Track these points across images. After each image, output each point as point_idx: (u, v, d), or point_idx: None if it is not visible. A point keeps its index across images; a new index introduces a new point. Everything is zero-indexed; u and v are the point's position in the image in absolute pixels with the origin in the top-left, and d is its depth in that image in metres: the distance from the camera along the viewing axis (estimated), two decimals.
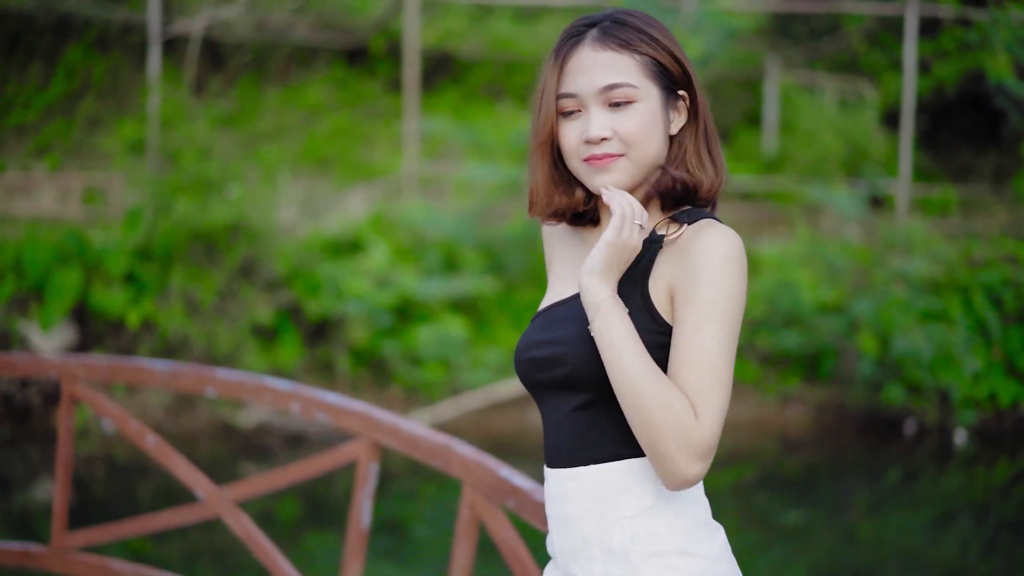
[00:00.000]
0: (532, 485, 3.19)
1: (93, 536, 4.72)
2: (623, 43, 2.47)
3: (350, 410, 3.92)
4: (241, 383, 4.29)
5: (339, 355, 12.38)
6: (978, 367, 12.53)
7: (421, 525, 10.14)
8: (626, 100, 2.46)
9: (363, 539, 3.87)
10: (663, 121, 2.51)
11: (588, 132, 2.46)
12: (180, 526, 4.71)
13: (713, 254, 2.37)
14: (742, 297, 2.39)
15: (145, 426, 4.57)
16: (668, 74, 2.50)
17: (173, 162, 12.92)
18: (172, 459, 4.49)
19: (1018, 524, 10.48)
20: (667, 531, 2.45)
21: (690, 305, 2.38)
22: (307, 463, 4.14)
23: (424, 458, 3.64)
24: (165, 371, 4.55)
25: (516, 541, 3.29)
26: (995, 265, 13.37)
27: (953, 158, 16.53)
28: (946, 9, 15.29)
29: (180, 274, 12.10)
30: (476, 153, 14.17)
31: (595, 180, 2.49)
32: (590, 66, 2.47)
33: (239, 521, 4.29)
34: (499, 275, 12.99)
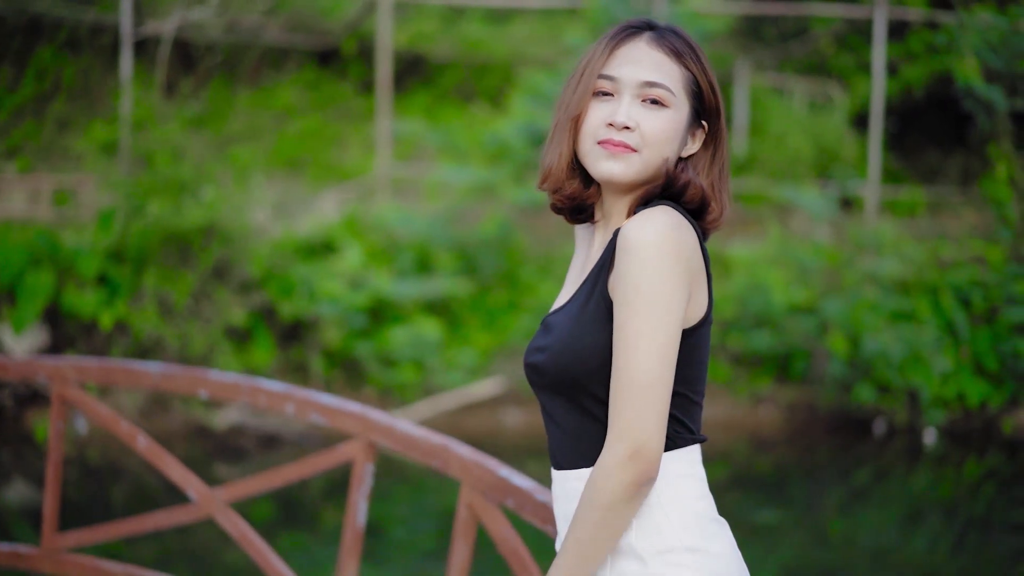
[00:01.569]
0: (532, 485, 3.23)
1: (84, 537, 4.73)
2: (676, 52, 2.54)
3: (346, 411, 3.95)
4: (235, 384, 4.31)
5: (313, 356, 12.39)
6: (947, 367, 12.62)
7: (396, 526, 10.15)
8: (660, 101, 2.51)
9: (359, 539, 3.90)
10: (681, 139, 2.56)
11: (615, 116, 2.50)
12: (172, 527, 4.72)
13: (634, 240, 2.38)
14: (672, 284, 2.37)
15: (136, 428, 4.59)
16: (701, 99, 2.57)
17: (146, 164, 12.89)
18: (164, 460, 4.52)
19: (986, 522, 10.57)
20: (673, 528, 2.47)
21: (617, 299, 2.41)
22: (301, 464, 4.16)
23: (421, 458, 3.68)
24: (157, 373, 4.57)
25: (515, 539, 3.33)
26: (963, 266, 13.48)
27: (921, 160, 16.66)
28: (914, 12, 15.40)
29: (153, 276, 12.07)
30: (448, 155, 14.19)
31: (602, 164, 2.52)
32: (640, 58, 2.53)
33: (232, 522, 4.31)
34: (472, 277, 13.03)
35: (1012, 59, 14.20)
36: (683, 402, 2.52)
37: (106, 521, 4.96)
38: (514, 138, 12.93)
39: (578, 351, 2.48)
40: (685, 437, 2.54)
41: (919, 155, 16.66)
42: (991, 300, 13.13)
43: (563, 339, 2.50)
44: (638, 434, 2.37)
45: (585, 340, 2.48)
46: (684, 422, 2.54)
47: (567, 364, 2.49)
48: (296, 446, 11.71)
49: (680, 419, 2.53)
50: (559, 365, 2.50)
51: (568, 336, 2.50)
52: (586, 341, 2.48)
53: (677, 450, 2.53)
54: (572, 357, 2.48)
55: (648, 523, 2.48)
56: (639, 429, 2.37)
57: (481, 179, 13.16)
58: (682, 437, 2.54)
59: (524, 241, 13.43)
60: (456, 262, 12.94)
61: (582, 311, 2.50)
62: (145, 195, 12.29)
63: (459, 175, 13.20)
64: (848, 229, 14.00)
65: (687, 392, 2.52)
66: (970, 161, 15.97)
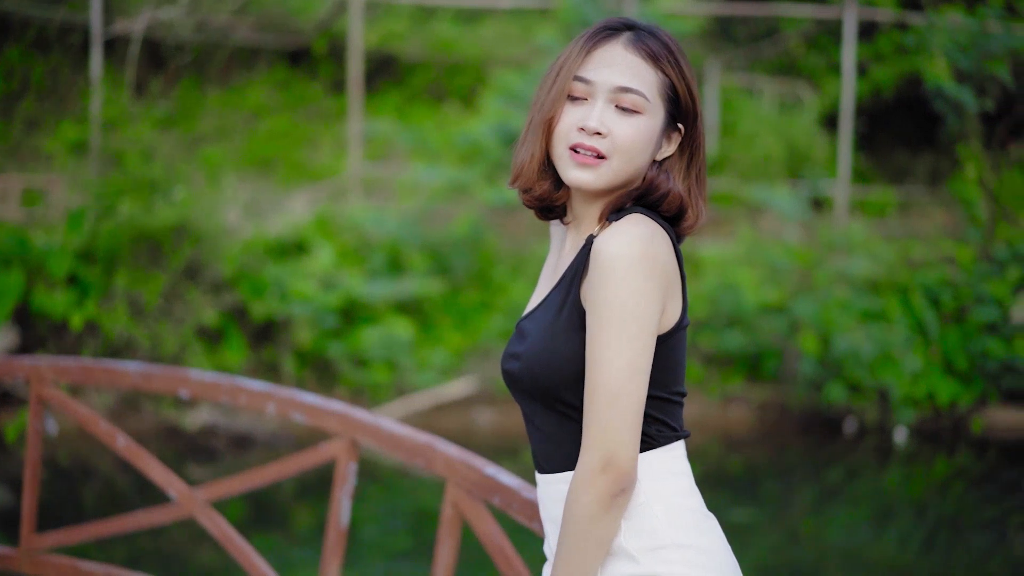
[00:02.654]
0: (518, 483, 3.23)
1: (63, 538, 4.71)
2: (653, 55, 2.49)
3: (328, 410, 3.94)
4: (215, 384, 4.29)
5: (284, 356, 12.36)
6: (917, 367, 12.68)
7: (366, 525, 10.14)
8: (634, 108, 2.48)
9: (342, 538, 3.89)
10: (655, 144, 2.53)
11: (587, 121, 2.47)
12: (153, 527, 4.71)
13: (608, 255, 2.37)
14: (645, 296, 2.37)
15: (116, 427, 4.57)
16: (678, 103, 2.54)
17: (116, 163, 12.83)
18: (144, 460, 4.50)
19: (956, 521, 10.62)
20: (661, 525, 2.47)
21: (589, 311, 2.41)
22: (283, 463, 4.15)
23: (406, 457, 3.67)
24: (137, 372, 4.55)
25: (500, 536, 3.33)
26: (933, 266, 13.55)
27: (889, 160, 16.73)
28: (883, 13, 15.46)
29: (124, 276, 12.03)
30: (420, 154, 14.18)
31: (571, 173, 2.49)
32: (615, 62, 2.49)
33: (214, 522, 4.30)
34: (444, 276, 13.03)
35: (981, 60, 14.29)
36: (662, 403, 2.53)
37: (77, 521, 4.94)
38: (486, 138, 12.93)
39: (551, 361, 2.48)
40: (667, 435, 2.55)
41: (887, 155, 16.73)
42: (961, 300, 13.20)
43: (536, 348, 2.50)
44: (609, 445, 2.37)
45: (558, 349, 2.48)
46: (665, 421, 2.54)
47: (541, 373, 2.49)
48: (268, 446, 11.68)
49: (660, 419, 2.53)
50: (533, 373, 2.50)
51: (541, 345, 2.49)
52: (560, 350, 2.47)
53: (660, 448, 2.54)
54: (545, 367, 2.48)
55: (637, 523, 2.48)
56: (610, 440, 2.37)
57: (453, 179, 13.16)
58: (664, 435, 2.54)
59: (496, 241, 13.43)
60: (428, 262, 12.93)
61: (555, 319, 2.49)
62: (116, 195, 12.24)
63: (431, 175, 13.19)
64: (818, 229, 14.05)
65: (665, 394, 2.53)
66: (939, 161, 16.06)
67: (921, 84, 14.97)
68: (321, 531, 9.93)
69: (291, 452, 11.66)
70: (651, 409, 2.51)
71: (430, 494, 10.85)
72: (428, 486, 10.88)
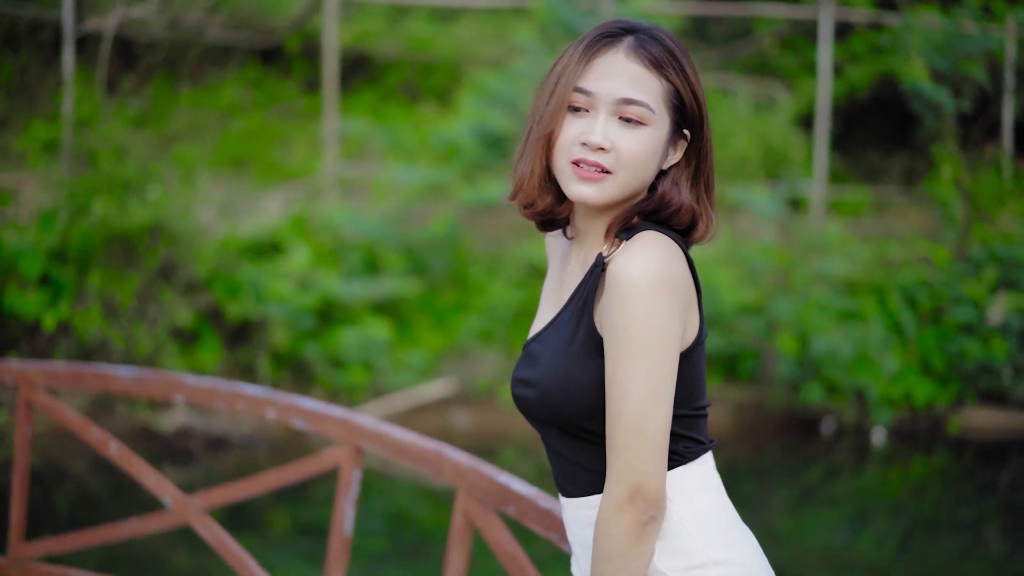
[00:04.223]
0: (534, 492, 3.16)
1: (52, 546, 4.63)
2: (656, 63, 2.42)
3: (331, 416, 3.87)
4: (212, 389, 4.22)
5: (260, 358, 12.27)
6: (895, 367, 12.69)
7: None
8: (638, 120, 2.40)
9: (346, 547, 3.83)
10: (662, 154, 2.45)
11: (590, 135, 2.39)
12: (146, 535, 4.63)
13: (626, 280, 2.29)
14: (665, 321, 2.29)
15: (108, 433, 4.49)
16: (683, 110, 2.46)
17: (88, 162, 12.71)
18: (138, 466, 4.42)
19: (933, 521, 10.64)
20: (697, 544, 2.43)
21: (608, 340, 2.33)
22: (284, 470, 4.08)
23: (413, 464, 3.61)
24: (130, 377, 4.47)
25: (513, 546, 3.27)
26: (909, 266, 13.56)
27: (863, 160, 16.75)
28: (858, 13, 15.48)
29: (97, 276, 11.91)
30: (396, 154, 14.11)
31: (575, 188, 2.42)
32: (617, 72, 2.40)
33: (210, 529, 4.22)
34: (421, 277, 12.96)
35: (956, 60, 14.32)
36: (687, 420, 2.46)
37: (53, 526, 4.86)
38: (464, 138, 12.86)
39: (569, 390, 2.40)
40: (695, 449, 2.49)
41: (861, 155, 16.76)
42: (937, 300, 13.22)
43: (551, 377, 2.42)
44: (636, 476, 2.31)
45: (575, 379, 2.40)
46: (692, 436, 2.48)
47: (558, 402, 2.42)
48: (244, 448, 11.60)
49: (686, 435, 2.47)
50: (550, 403, 2.43)
51: (556, 374, 2.42)
52: (577, 380, 2.40)
53: (690, 463, 2.48)
54: (563, 396, 2.41)
55: (672, 543, 2.42)
56: (637, 472, 2.31)
57: (430, 179, 13.09)
58: (692, 451, 2.48)
59: (473, 241, 13.37)
60: (404, 262, 12.87)
61: (569, 345, 2.42)
62: (88, 194, 12.12)
63: (408, 175, 13.12)
64: (795, 229, 14.05)
65: (689, 411, 2.46)
66: (913, 161, 16.08)
67: (895, 84, 14.98)
68: (297, 533, 9.87)
69: (267, 455, 11.59)
70: (677, 427, 2.44)
71: (406, 496, 10.80)
72: (403, 488, 10.83)
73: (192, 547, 8.53)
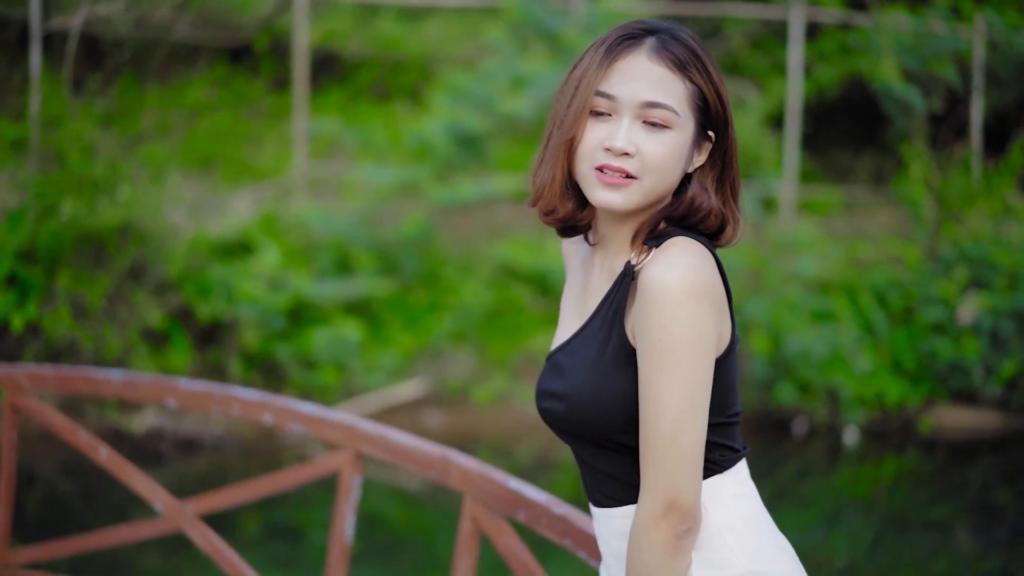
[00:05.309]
0: (547, 497, 3.11)
1: (38, 553, 4.56)
2: (680, 64, 2.36)
3: (330, 420, 3.81)
4: (206, 393, 4.15)
5: (231, 358, 12.18)
6: (867, 367, 12.72)
7: (316, 531, 10.03)
8: (663, 123, 2.34)
9: (346, 554, 3.77)
10: (687, 157, 2.40)
11: (614, 141, 2.34)
12: (137, 541, 4.55)
13: (660, 290, 2.24)
14: (701, 330, 2.24)
15: (97, 438, 4.42)
16: (708, 112, 2.41)
17: (56, 162, 12.59)
18: (128, 472, 4.35)
19: (904, 521, 10.67)
20: (734, 554, 2.38)
21: (642, 350, 2.28)
22: (282, 476, 4.01)
23: (418, 469, 3.55)
24: (120, 381, 4.40)
25: (524, 553, 3.22)
26: (880, 266, 13.60)
27: (832, 160, 16.80)
28: (828, 13, 15.51)
29: (66, 277, 11.80)
30: (367, 153, 14.04)
31: (599, 194, 2.37)
32: (640, 75, 2.35)
33: (204, 536, 4.16)
34: (393, 277, 12.89)
35: (925, 60, 14.38)
36: (722, 428, 2.42)
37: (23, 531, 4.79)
38: (437, 137, 12.80)
39: (600, 403, 2.35)
40: (730, 457, 2.45)
41: (830, 155, 16.80)
42: (908, 300, 13.26)
43: (582, 388, 2.37)
44: (671, 489, 2.25)
45: (607, 391, 2.35)
46: (727, 444, 2.44)
47: (590, 416, 2.37)
48: (215, 450, 11.53)
49: (721, 443, 2.42)
50: (581, 417, 2.38)
51: (587, 386, 2.36)
52: (609, 392, 2.35)
53: (725, 472, 2.44)
54: (594, 410, 2.36)
55: (709, 554, 2.37)
56: (671, 484, 2.25)
57: (402, 178, 13.03)
58: (727, 459, 2.44)
59: (445, 241, 13.32)
60: (376, 262, 12.80)
61: (600, 357, 2.37)
62: (57, 194, 12.01)
63: (379, 174, 13.06)
64: (767, 229, 14.06)
65: (724, 419, 2.41)
66: (882, 161, 16.13)
67: (864, 84, 15.03)
68: (270, 535, 9.80)
69: (238, 456, 11.52)
70: (712, 435, 2.39)
71: (379, 497, 10.75)
72: (376, 489, 10.78)
73: (173, 553, 8.46)
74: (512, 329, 12.83)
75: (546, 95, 12.95)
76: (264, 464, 11.51)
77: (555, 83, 12.77)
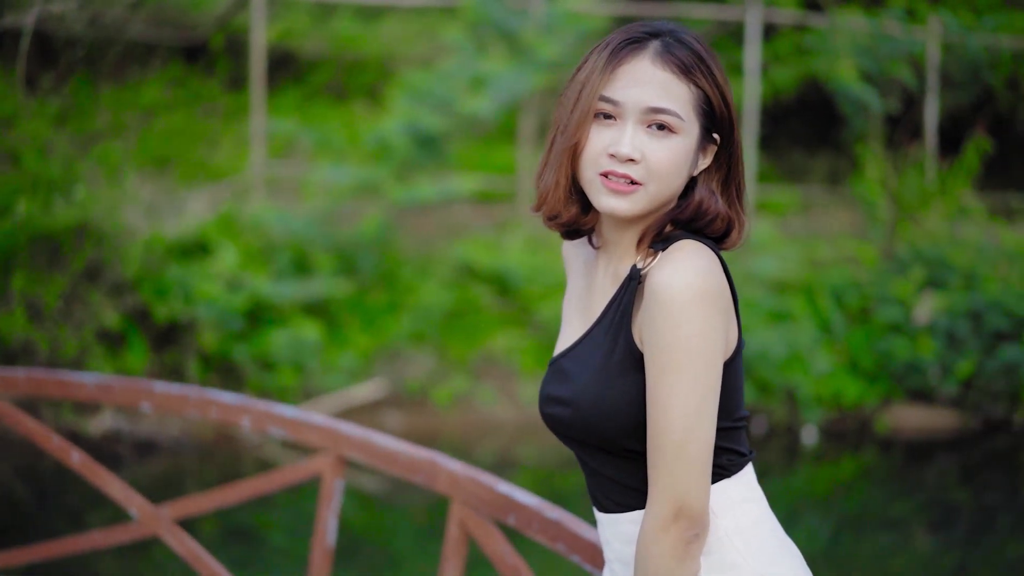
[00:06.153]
0: (537, 501, 3.09)
1: (8, 559, 4.49)
2: (684, 69, 2.34)
3: (312, 424, 3.77)
4: (182, 397, 4.10)
5: (188, 359, 12.10)
6: (825, 367, 12.77)
7: (274, 532, 9.98)
8: (668, 129, 2.33)
9: (329, 558, 3.73)
10: (692, 161, 2.38)
11: (618, 147, 2.32)
12: (112, 546, 4.49)
13: (669, 294, 2.22)
14: (709, 334, 2.23)
15: (69, 443, 4.36)
16: (713, 115, 2.39)
17: (10, 161, 12.47)
18: (101, 476, 4.29)
19: (861, 519, 10.72)
20: (742, 558, 2.37)
21: (650, 355, 2.26)
22: (262, 479, 3.96)
23: (404, 473, 3.51)
24: (95, 384, 4.34)
25: (515, 557, 3.19)
26: (838, 266, 13.66)
27: (787, 160, 16.87)
28: (784, 14, 15.57)
29: (21, 278, 11.69)
30: (324, 153, 13.97)
31: (605, 201, 2.35)
32: (645, 80, 2.33)
33: (180, 540, 4.10)
34: (352, 277, 12.84)
35: (881, 62, 14.45)
36: (729, 432, 2.40)
37: None
38: (396, 137, 12.75)
39: (607, 408, 2.33)
40: (738, 462, 2.43)
41: (785, 155, 16.87)
42: (865, 300, 13.32)
43: (589, 394, 2.35)
44: (680, 495, 2.24)
45: (614, 396, 2.33)
46: (734, 448, 2.42)
47: (598, 422, 2.35)
48: (172, 452, 11.45)
49: (728, 448, 2.41)
50: (588, 422, 2.35)
51: (594, 391, 2.34)
52: (616, 397, 2.33)
53: (732, 477, 2.43)
54: (601, 415, 2.34)
55: (717, 559, 2.36)
56: (680, 490, 2.24)
57: (360, 178, 12.97)
58: (735, 463, 2.42)
59: (404, 241, 13.28)
60: (335, 263, 12.74)
61: (606, 362, 2.35)
62: (11, 194, 11.89)
63: (338, 174, 13.00)
64: None
65: (730, 423, 2.40)
66: (838, 161, 16.21)
67: (820, 85, 15.09)
68: (228, 537, 9.73)
69: (195, 458, 11.45)
70: (720, 440, 2.37)
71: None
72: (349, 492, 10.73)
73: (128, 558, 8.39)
74: (471, 329, 12.81)
75: (505, 95, 12.94)
76: (222, 466, 11.43)
77: (515, 83, 12.76)
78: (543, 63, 13.08)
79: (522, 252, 12.98)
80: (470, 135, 13.80)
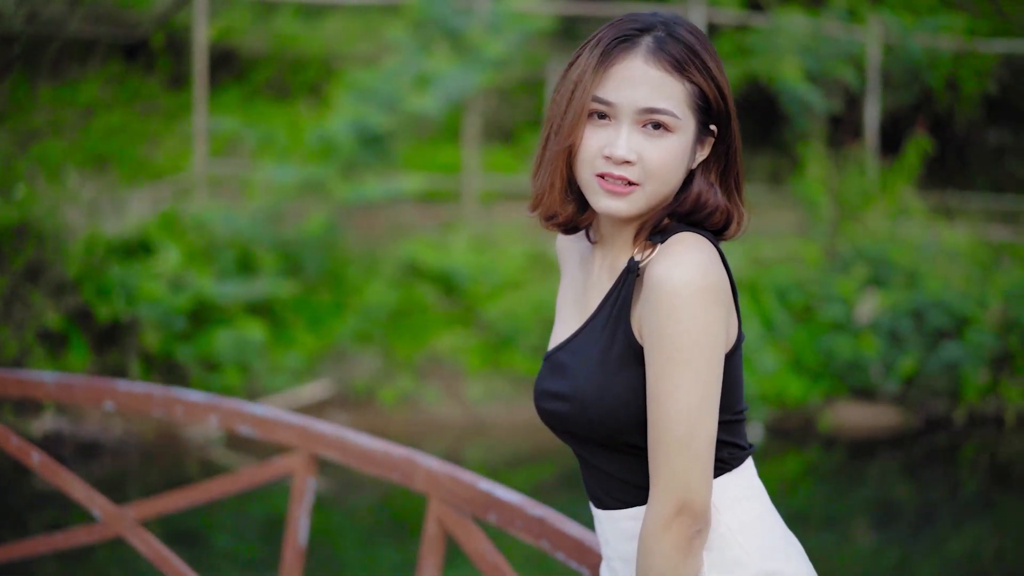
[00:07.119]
0: (520, 498, 3.06)
1: None
2: (678, 65, 2.29)
3: (283, 422, 3.71)
4: (147, 395, 4.03)
5: (130, 360, 11.98)
6: (770, 365, 12.83)
7: (219, 533, 9.90)
8: (663, 128, 2.29)
9: (300, 558, 3.68)
10: (689, 157, 2.34)
11: (614, 149, 2.28)
12: (74, 547, 4.42)
13: (669, 287, 2.20)
14: (711, 328, 2.20)
15: (29, 443, 4.29)
16: (709, 109, 2.35)
17: None
18: (62, 477, 4.22)
19: (804, 517, 10.77)
20: (745, 554, 2.35)
21: (650, 349, 2.24)
22: (231, 478, 3.91)
23: (380, 472, 3.47)
24: (54, 383, 4.26)
25: (495, 555, 3.16)
26: (781, 264, 13.72)
27: None
28: (726, 14, 15.64)
29: None
30: (267, 152, 13.88)
31: (603, 202, 2.31)
32: (638, 80, 2.28)
33: (145, 541, 4.04)
34: (297, 277, 12.76)
35: (823, 61, 14.55)
36: (729, 425, 2.38)
37: None
38: (341, 135, 12.69)
39: (608, 403, 2.30)
40: (738, 456, 2.41)
41: None
42: (809, 298, 13.40)
43: (588, 389, 2.32)
44: (682, 491, 2.22)
45: (614, 390, 2.30)
46: (735, 442, 2.40)
47: (597, 417, 2.31)
48: (115, 454, 11.33)
49: (729, 441, 2.38)
50: (587, 417, 2.32)
51: (593, 385, 2.31)
52: (616, 391, 2.30)
53: (733, 471, 2.41)
54: (601, 410, 2.31)
55: (720, 555, 2.34)
56: (683, 486, 2.22)
57: (305, 177, 12.89)
58: (736, 457, 2.40)
59: (349, 240, 13.21)
60: (279, 262, 12.65)
61: (605, 356, 2.31)
62: None
63: (281, 173, 12.91)
64: None
65: (731, 416, 2.37)
66: (779, 161, 16.29)
67: (761, 84, 15.16)
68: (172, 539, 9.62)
69: (139, 460, 11.33)
70: (721, 434, 2.35)
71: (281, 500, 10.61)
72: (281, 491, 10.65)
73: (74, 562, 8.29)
74: (417, 329, 12.78)
75: (451, 94, 12.91)
76: (167, 467, 11.33)
77: (460, 82, 12.73)
78: (488, 62, 13.07)
79: (467, 251, 12.96)
80: (415, 134, 13.76)
